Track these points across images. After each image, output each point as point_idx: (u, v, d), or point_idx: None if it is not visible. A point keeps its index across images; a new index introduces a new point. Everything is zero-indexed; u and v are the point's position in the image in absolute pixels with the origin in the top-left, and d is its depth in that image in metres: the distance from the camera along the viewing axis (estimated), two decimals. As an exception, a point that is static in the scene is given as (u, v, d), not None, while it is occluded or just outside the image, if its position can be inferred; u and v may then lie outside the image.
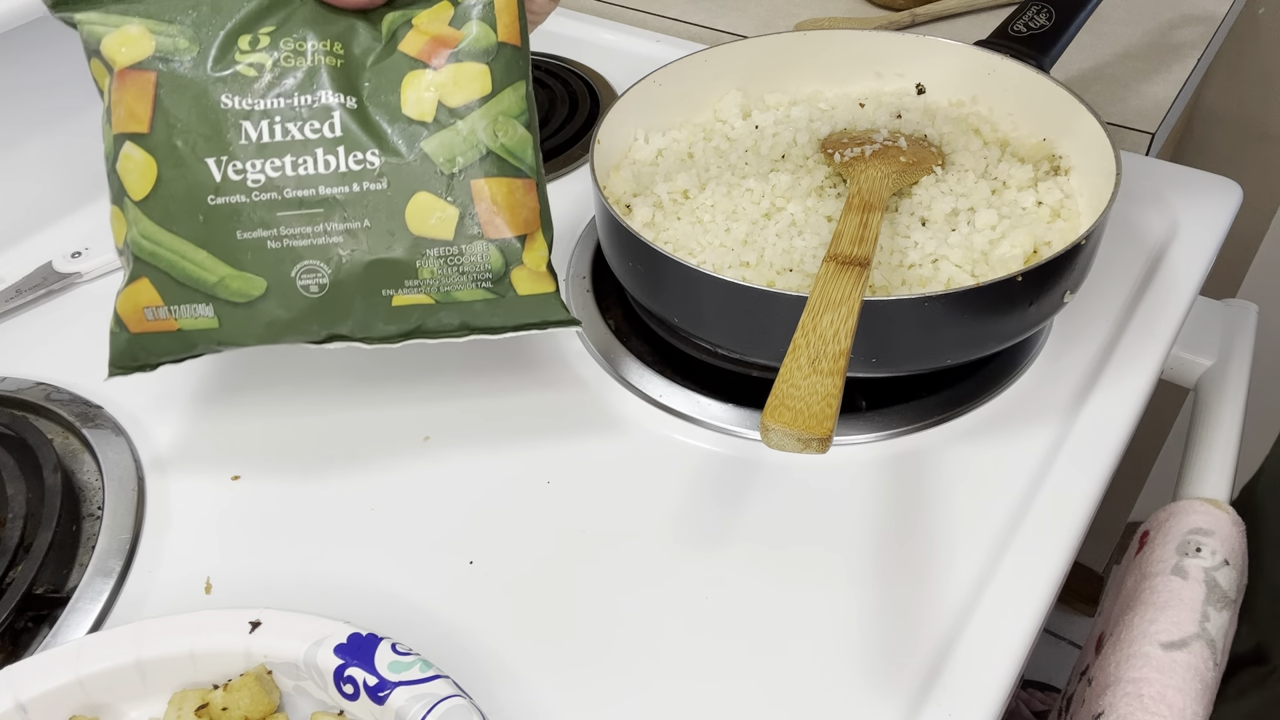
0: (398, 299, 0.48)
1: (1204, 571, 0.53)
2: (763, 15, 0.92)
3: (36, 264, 0.67)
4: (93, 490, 0.54)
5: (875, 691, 0.44)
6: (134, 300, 0.48)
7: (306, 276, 0.47)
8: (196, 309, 0.47)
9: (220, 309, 0.47)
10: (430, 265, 0.47)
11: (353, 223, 0.47)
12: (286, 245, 0.47)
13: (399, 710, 0.40)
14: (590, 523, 0.51)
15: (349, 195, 0.46)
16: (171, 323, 0.48)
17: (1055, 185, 0.60)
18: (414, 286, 0.48)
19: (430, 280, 0.47)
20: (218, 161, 0.46)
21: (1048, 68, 0.65)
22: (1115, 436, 0.54)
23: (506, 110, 0.47)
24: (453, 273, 0.47)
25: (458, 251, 0.47)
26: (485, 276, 0.48)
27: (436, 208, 0.47)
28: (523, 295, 0.49)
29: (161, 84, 0.46)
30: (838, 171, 0.61)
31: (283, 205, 0.46)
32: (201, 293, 0.47)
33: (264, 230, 0.46)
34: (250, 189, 0.46)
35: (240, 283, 0.47)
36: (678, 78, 0.66)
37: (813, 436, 0.39)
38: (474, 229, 0.47)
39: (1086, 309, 0.61)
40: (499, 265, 0.48)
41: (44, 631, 0.47)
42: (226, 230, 0.46)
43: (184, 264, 0.47)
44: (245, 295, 0.47)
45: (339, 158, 0.46)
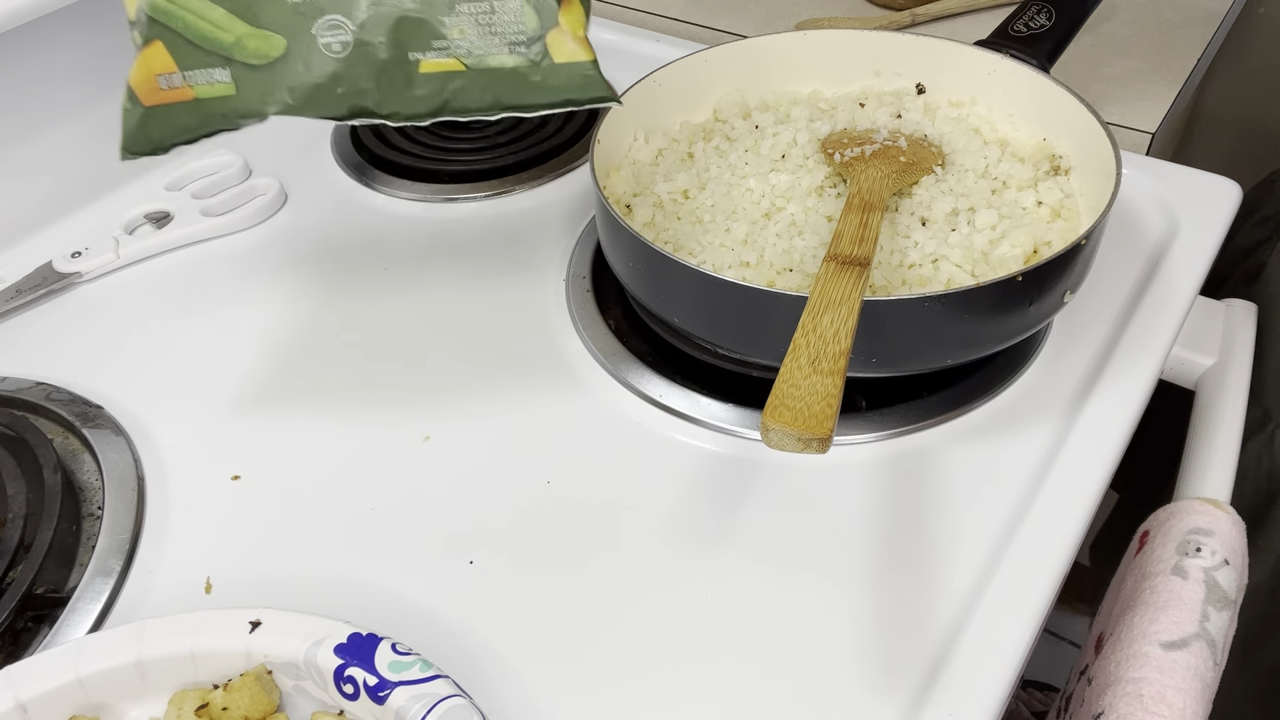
0: (425, 64, 0.45)
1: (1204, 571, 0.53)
2: (763, 15, 0.92)
3: (36, 264, 0.67)
4: (93, 490, 0.54)
5: (875, 691, 0.44)
6: (148, 67, 0.45)
7: (329, 33, 0.44)
8: (213, 74, 0.45)
9: (238, 73, 0.44)
10: (460, 24, 0.44)
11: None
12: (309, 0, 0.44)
13: (399, 710, 0.40)
14: (590, 523, 0.51)
15: None
16: (187, 90, 0.45)
17: (1055, 185, 0.60)
18: (443, 49, 0.44)
19: (460, 41, 0.44)
20: None
21: (1048, 68, 0.65)
22: (1115, 436, 0.54)
23: None
24: (485, 33, 0.44)
25: (489, 8, 0.44)
26: (520, 38, 0.44)
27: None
28: (559, 64, 0.45)
29: None
30: (838, 171, 0.61)
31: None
32: (218, 55, 0.44)
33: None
34: None
35: (259, 42, 0.44)
36: (678, 78, 0.66)
37: (813, 436, 0.39)
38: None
39: (1086, 309, 0.61)
40: (534, 25, 0.44)
41: (44, 631, 0.47)
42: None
43: (199, 23, 0.44)
44: (264, 56, 0.44)
45: None
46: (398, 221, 0.71)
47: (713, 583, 0.48)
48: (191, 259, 0.69)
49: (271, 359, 0.61)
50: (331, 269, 0.67)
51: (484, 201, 0.72)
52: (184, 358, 0.61)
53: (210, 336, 0.62)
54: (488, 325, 0.62)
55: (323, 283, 0.66)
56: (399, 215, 0.71)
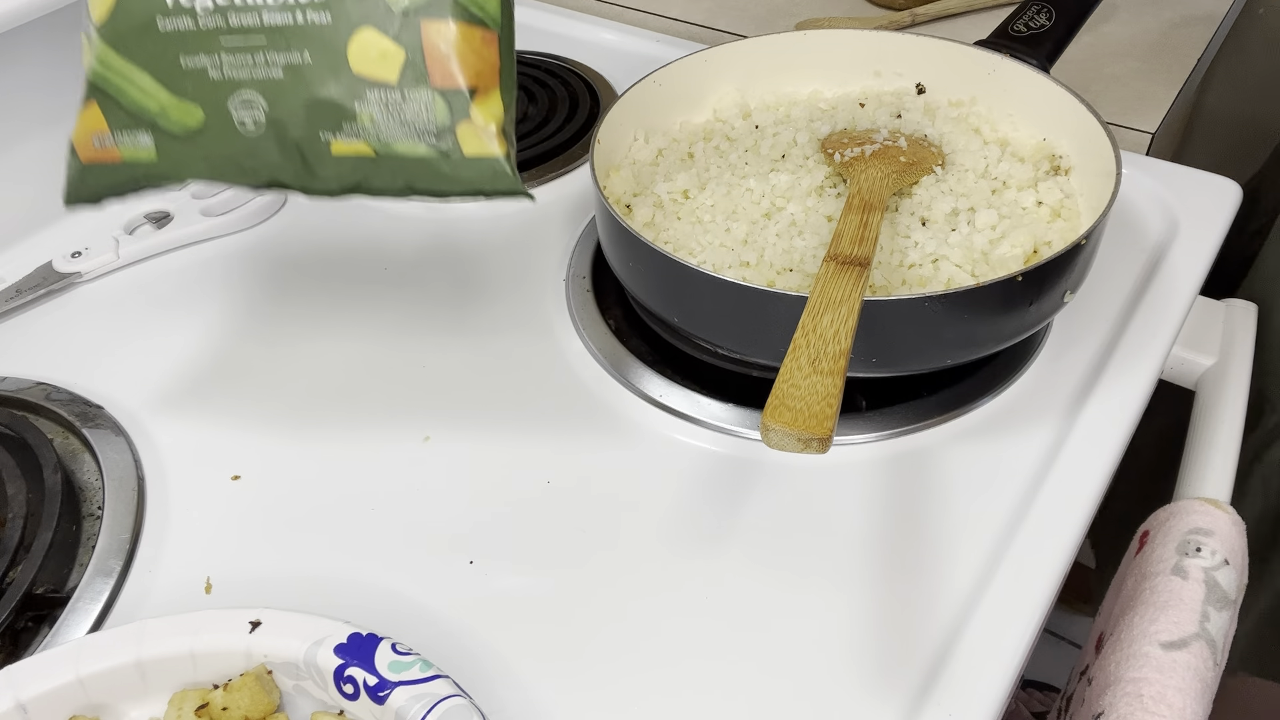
0: (337, 145, 0.46)
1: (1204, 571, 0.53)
2: (763, 15, 0.92)
3: (36, 264, 0.67)
4: (93, 490, 0.54)
5: (875, 691, 0.44)
6: (85, 126, 0.47)
7: (244, 111, 0.45)
8: (138, 137, 0.46)
9: (160, 140, 0.46)
10: (370, 109, 0.45)
11: (293, 55, 0.45)
12: (226, 75, 0.45)
13: (399, 710, 0.40)
14: (590, 522, 0.51)
15: (291, 26, 0.44)
16: (114, 152, 0.47)
17: (1055, 185, 0.60)
18: (353, 132, 0.45)
19: (369, 127, 0.45)
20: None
21: (1048, 68, 0.65)
22: (1115, 436, 0.54)
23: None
24: (394, 121, 0.45)
25: (400, 97, 0.44)
26: (429, 129, 0.45)
27: (381, 45, 0.44)
28: (468, 157, 0.46)
29: None
30: (838, 171, 0.61)
31: (227, 33, 0.45)
32: (144, 120, 0.46)
33: (206, 57, 0.45)
34: (198, 14, 0.45)
35: (180, 113, 0.46)
36: (678, 78, 0.66)
37: (813, 436, 0.39)
38: (419, 74, 0.44)
39: (1086, 309, 0.61)
40: (444, 117, 0.45)
41: (44, 631, 0.47)
42: (172, 56, 0.45)
43: (130, 89, 0.46)
44: (184, 126, 0.46)
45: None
46: (397, 221, 0.71)
47: (713, 583, 0.48)
48: (191, 259, 0.69)
49: (271, 359, 0.61)
50: (331, 269, 0.67)
51: (484, 201, 0.72)
52: (184, 358, 0.61)
53: (210, 336, 0.62)
54: (488, 325, 0.62)
55: (322, 283, 0.66)
56: (399, 215, 0.71)
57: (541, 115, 0.79)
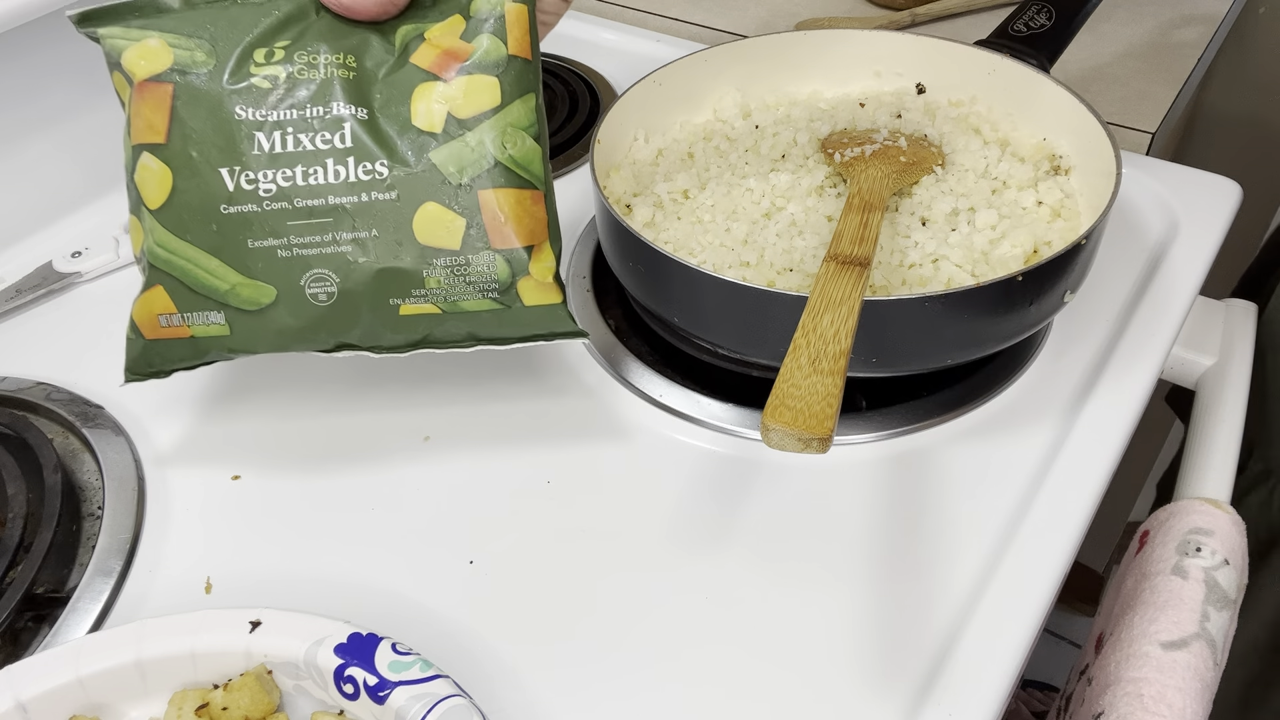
0: (405, 308, 0.48)
1: (1204, 571, 0.53)
2: (763, 15, 0.92)
3: (36, 264, 0.67)
4: (93, 490, 0.54)
5: (875, 691, 0.44)
6: (149, 307, 0.48)
7: (315, 285, 0.47)
8: (209, 316, 0.48)
9: (232, 316, 0.48)
10: (437, 275, 0.48)
11: (361, 232, 0.47)
12: (296, 254, 0.47)
13: (399, 710, 0.40)
14: (590, 522, 0.51)
15: (358, 205, 0.47)
16: (185, 329, 0.49)
17: (1055, 185, 0.60)
18: (421, 296, 0.48)
19: (437, 290, 0.48)
20: (231, 171, 0.46)
21: (1048, 67, 0.65)
22: (1115, 436, 0.54)
23: (515, 122, 0.48)
24: (459, 282, 0.48)
25: (464, 262, 0.48)
26: (492, 287, 0.48)
27: (444, 218, 0.47)
28: (529, 306, 0.49)
29: (178, 95, 0.47)
30: (838, 171, 0.61)
31: (293, 215, 0.47)
32: (214, 300, 0.48)
33: (274, 239, 0.47)
34: (262, 198, 0.47)
35: (251, 291, 0.47)
36: (678, 78, 0.66)
37: (813, 436, 0.39)
38: (480, 239, 0.47)
39: (1086, 309, 0.61)
40: (505, 275, 0.48)
41: (44, 631, 0.47)
42: (238, 239, 0.47)
43: (197, 272, 0.47)
44: (256, 303, 0.48)
45: (349, 168, 0.47)
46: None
47: (713, 582, 0.48)
48: (191, 259, 0.68)
49: (271, 359, 0.60)
50: (331, 269, 0.67)
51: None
52: (184, 358, 0.61)
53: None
54: (488, 325, 0.62)
55: (323, 283, 0.66)
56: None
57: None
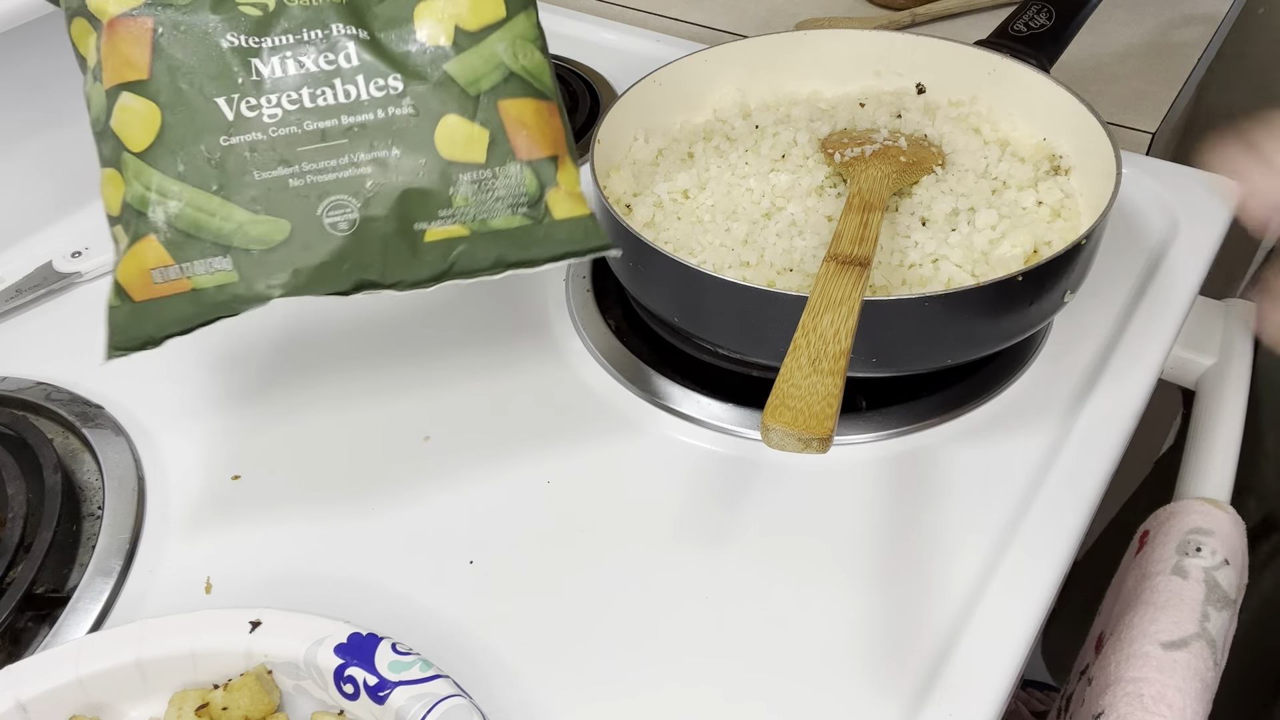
0: (431, 232, 0.45)
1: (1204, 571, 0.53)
2: (763, 15, 0.92)
3: (36, 264, 0.67)
4: (93, 490, 0.54)
5: (875, 691, 0.44)
6: (138, 263, 0.44)
7: (334, 213, 0.44)
8: (213, 262, 0.44)
9: (239, 259, 0.44)
10: (464, 191, 0.45)
11: (380, 151, 0.44)
12: (310, 181, 0.44)
13: (399, 710, 0.40)
14: (590, 522, 0.51)
15: (375, 122, 0.44)
16: (184, 282, 0.44)
17: (1055, 185, 0.60)
18: (448, 217, 0.45)
19: (464, 208, 0.45)
20: (229, 100, 0.43)
21: (1048, 67, 0.65)
22: (1115, 436, 0.54)
23: (523, 34, 0.46)
24: (488, 198, 0.46)
25: (491, 175, 0.45)
26: (522, 200, 0.46)
27: (466, 130, 0.45)
28: (559, 219, 0.47)
29: (160, 26, 0.43)
30: (838, 171, 0.61)
31: (304, 139, 0.44)
32: (217, 243, 0.44)
33: (285, 168, 0.44)
34: (267, 124, 0.44)
35: (260, 228, 0.44)
36: (678, 78, 0.66)
37: (813, 436, 0.39)
38: (506, 150, 0.45)
39: (1086, 309, 0.61)
40: (534, 187, 0.46)
41: (44, 631, 0.47)
42: (243, 172, 0.43)
43: (196, 214, 0.43)
44: (267, 241, 0.44)
45: (359, 86, 0.44)
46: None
47: (713, 582, 0.48)
48: (191, 259, 0.68)
49: (271, 359, 0.61)
50: (331, 269, 0.67)
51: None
52: (184, 357, 0.61)
53: (210, 336, 0.62)
54: (488, 325, 0.62)
55: (323, 283, 0.66)
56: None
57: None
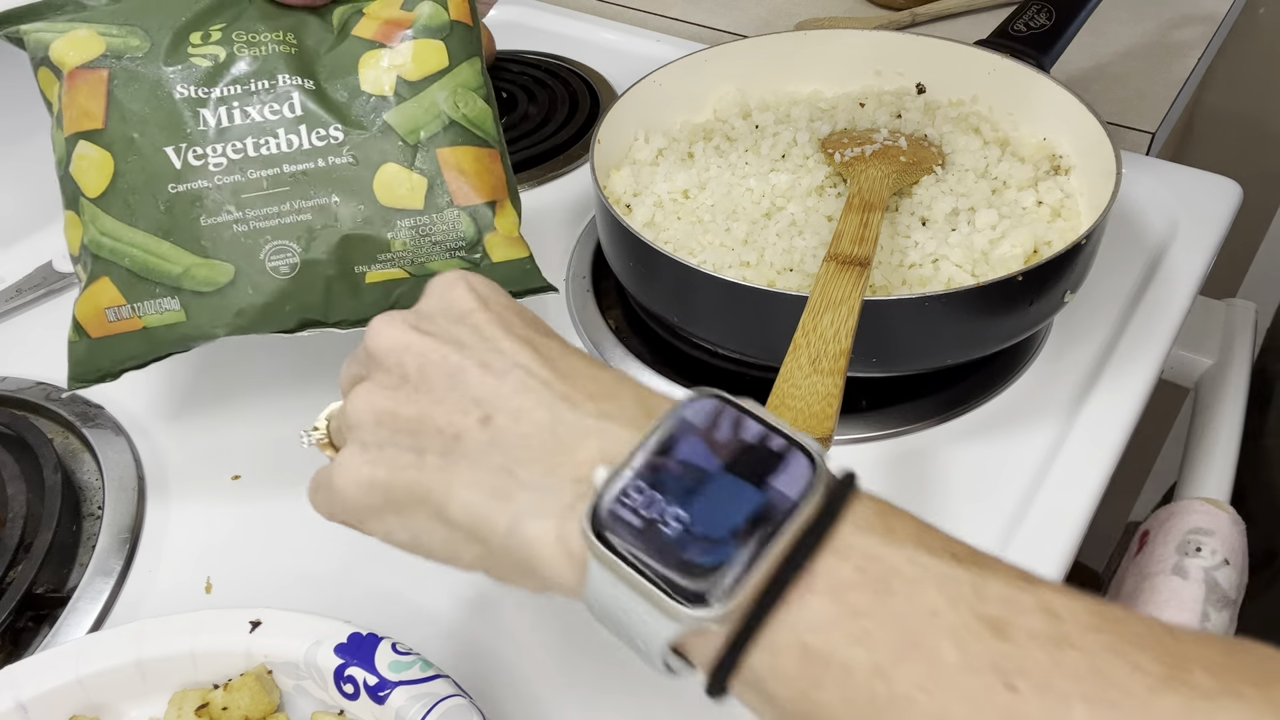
0: (371, 275, 0.47)
1: (1204, 571, 0.53)
2: (763, 15, 0.92)
3: (36, 264, 0.67)
4: (93, 490, 0.54)
5: (875, 691, 0.44)
6: (94, 302, 0.47)
7: (276, 257, 0.46)
8: (162, 303, 0.46)
9: (187, 300, 0.46)
10: (402, 236, 0.47)
11: (321, 198, 0.46)
12: (254, 227, 0.46)
13: (399, 710, 0.40)
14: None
15: (315, 171, 0.46)
16: (135, 321, 0.47)
17: (1055, 185, 0.60)
18: (387, 260, 0.47)
19: (403, 252, 0.47)
20: (176, 149, 0.45)
21: (1048, 67, 0.65)
22: (1115, 436, 0.54)
23: (465, 83, 0.48)
24: (425, 243, 0.47)
25: (429, 221, 0.47)
26: (459, 244, 0.48)
27: (404, 178, 0.47)
28: (497, 262, 0.48)
29: (114, 79, 0.46)
30: (838, 171, 0.61)
31: (247, 187, 0.46)
32: (166, 285, 0.46)
33: (229, 214, 0.46)
34: (212, 173, 0.45)
35: (207, 270, 0.46)
36: (678, 78, 0.66)
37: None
38: (444, 196, 0.47)
39: (1086, 309, 0.61)
40: (471, 232, 0.48)
41: (44, 631, 0.47)
42: (190, 218, 0.46)
43: (146, 257, 0.46)
44: (212, 283, 0.46)
45: (301, 135, 0.46)
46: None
47: (713, 582, 0.48)
48: (191, 259, 0.68)
49: (271, 358, 0.60)
50: (331, 269, 0.67)
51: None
52: (184, 357, 0.61)
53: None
54: (488, 325, 0.62)
55: (323, 283, 0.66)
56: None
57: (541, 115, 0.79)
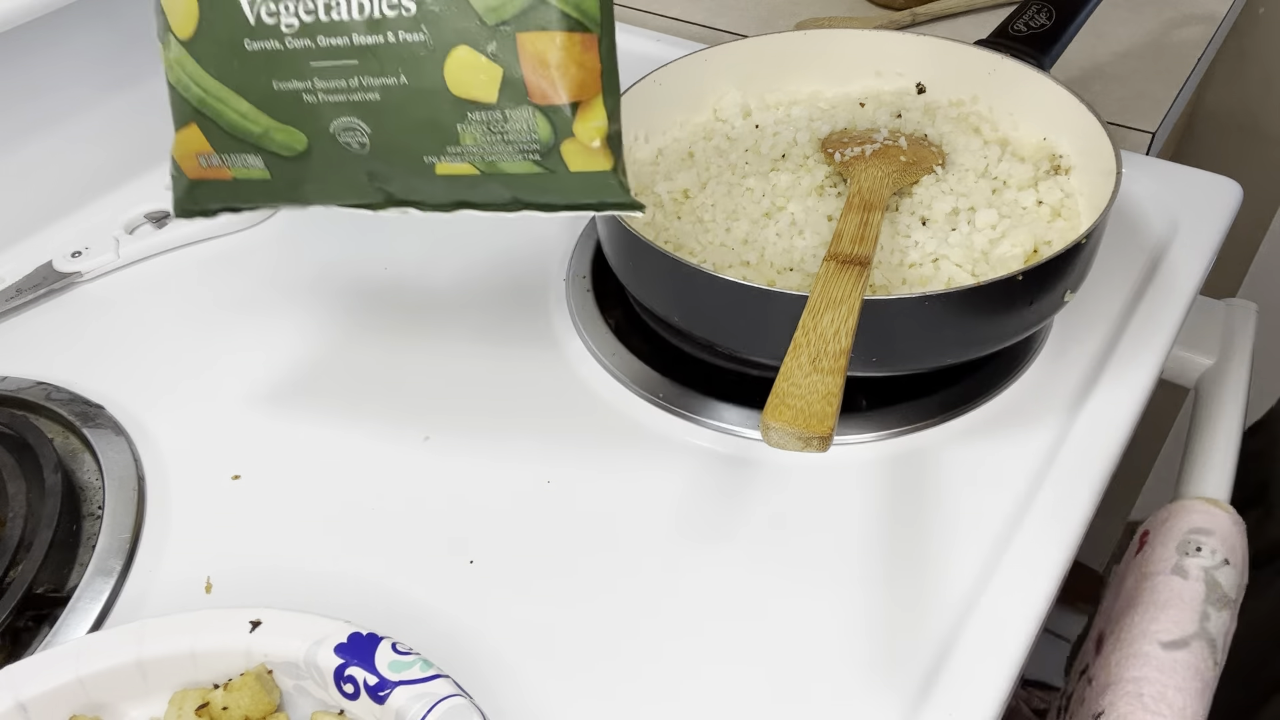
0: (441, 166, 0.44)
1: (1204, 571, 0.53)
2: (763, 15, 0.92)
3: (36, 264, 0.67)
4: (93, 490, 0.54)
5: (876, 691, 0.44)
6: (187, 145, 0.45)
7: (346, 134, 0.43)
8: (246, 159, 0.45)
9: (270, 161, 0.45)
10: (473, 131, 0.42)
11: (389, 78, 0.42)
12: (322, 100, 0.43)
13: (399, 709, 0.40)
14: (590, 522, 0.51)
15: (384, 46, 0.42)
16: (225, 171, 0.45)
17: (1055, 184, 0.60)
18: (456, 154, 0.43)
19: (473, 148, 0.43)
20: (250, 3, 0.42)
21: (1048, 67, 0.65)
22: (1115, 436, 0.54)
23: None
24: (497, 141, 0.43)
25: (501, 117, 0.42)
26: (532, 147, 0.43)
27: (478, 65, 0.41)
28: (574, 172, 0.43)
29: None
30: (838, 171, 0.61)
31: (317, 54, 0.42)
32: (249, 144, 0.44)
33: (299, 81, 0.43)
34: (284, 34, 0.42)
35: (284, 135, 0.44)
36: (678, 77, 0.66)
37: (813, 435, 0.39)
38: (519, 91, 0.42)
39: (1086, 309, 0.61)
40: (547, 136, 0.42)
41: (44, 631, 0.47)
42: (264, 79, 0.43)
43: (229, 113, 0.44)
44: (290, 149, 0.44)
45: (372, 2, 0.42)
46: (397, 222, 0.70)
47: (713, 582, 0.48)
48: (192, 259, 0.68)
49: (271, 358, 0.61)
50: (331, 269, 0.67)
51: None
52: (184, 357, 0.61)
53: (210, 336, 0.62)
54: (488, 325, 0.62)
55: (322, 283, 0.66)
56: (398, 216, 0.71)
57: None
